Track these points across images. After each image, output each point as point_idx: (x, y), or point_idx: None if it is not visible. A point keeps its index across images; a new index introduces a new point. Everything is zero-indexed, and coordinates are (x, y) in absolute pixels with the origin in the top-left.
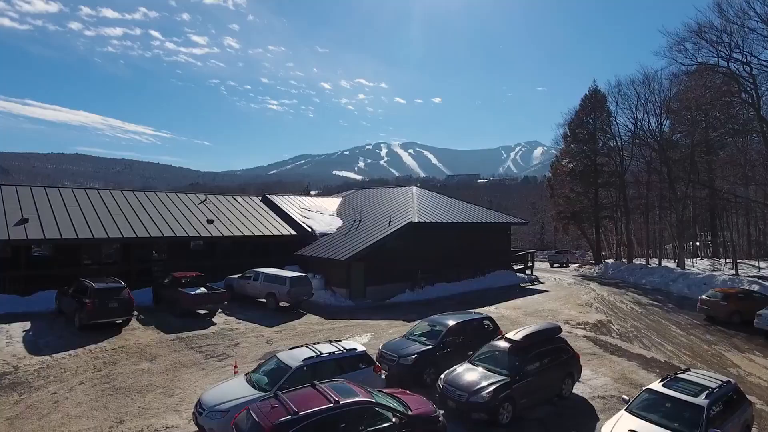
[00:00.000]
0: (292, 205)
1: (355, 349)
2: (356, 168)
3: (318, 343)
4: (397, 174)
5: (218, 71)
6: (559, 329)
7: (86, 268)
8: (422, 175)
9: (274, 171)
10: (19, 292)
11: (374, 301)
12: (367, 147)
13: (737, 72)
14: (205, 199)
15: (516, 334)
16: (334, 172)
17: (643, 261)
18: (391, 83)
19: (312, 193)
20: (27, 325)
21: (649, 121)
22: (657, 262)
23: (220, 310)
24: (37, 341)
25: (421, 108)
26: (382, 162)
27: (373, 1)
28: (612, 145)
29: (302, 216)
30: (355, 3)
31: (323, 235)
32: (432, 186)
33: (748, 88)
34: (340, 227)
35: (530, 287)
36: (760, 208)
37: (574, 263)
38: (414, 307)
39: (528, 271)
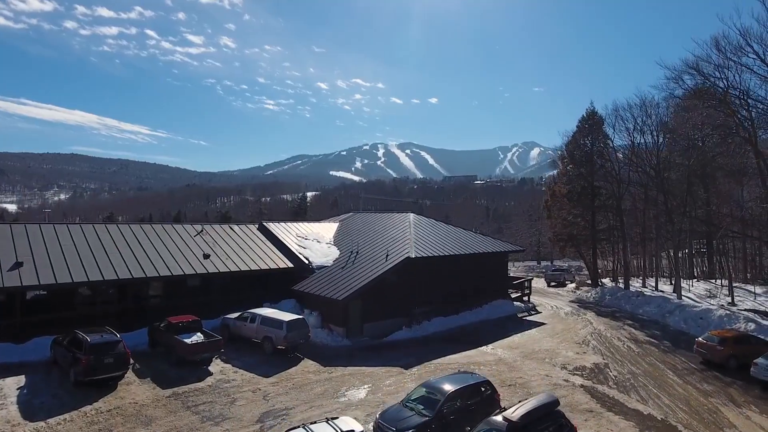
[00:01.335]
0: (288, 233)
1: (353, 431)
2: (353, 168)
3: (315, 422)
4: (394, 175)
5: (214, 71)
6: (557, 402)
7: (81, 310)
8: (419, 176)
9: (271, 171)
10: (13, 340)
11: (371, 338)
12: (364, 147)
13: (735, 108)
14: (202, 230)
15: (514, 413)
16: (331, 172)
17: (640, 282)
18: (388, 83)
19: (309, 195)
20: (22, 380)
21: (645, 143)
22: (654, 284)
23: (216, 356)
24: (31, 401)
25: (418, 108)
26: (379, 162)
27: (370, 2)
28: (609, 167)
29: (299, 246)
30: (352, 3)
31: (320, 267)
32: (429, 188)
33: (745, 125)
34: (337, 259)
35: (527, 318)
36: (757, 242)
37: (571, 282)
38: (411, 346)
39: (525, 298)
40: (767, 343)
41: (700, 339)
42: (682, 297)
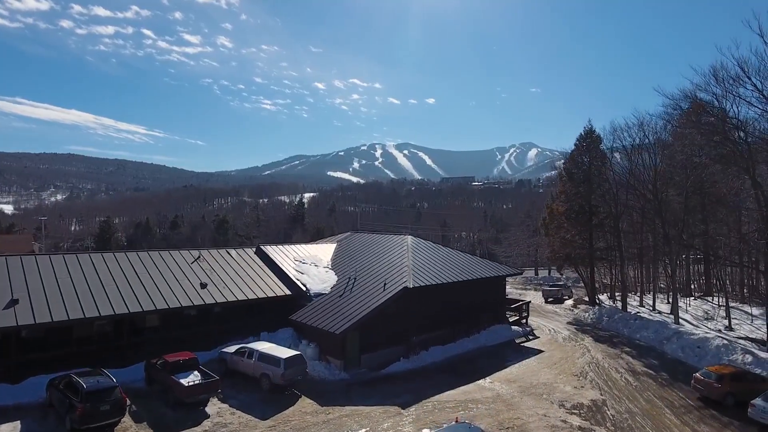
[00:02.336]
0: (286, 256)
1: None
2: (351, 169)
3: None
4: (392, 176)
5: (211, 70)
6: None
7: (78, 346)
8: (417, 176)
9: (268, 171)
10: (8, 380)
11: (369, 369)
12: (362, 148)
13: (732, 138)
14: (199, 257)
15: None
16: (329, 173)
17: (637, 300)
18: (385, 83)
19: (306, 196)
20: (17, 426)
21: (643, 163)
22: (651, 302)
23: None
24: None
25: (415, 108)
26: (376, 163)
27: (367, 2)
28: (606, 187)
29: (296, 271)
30: (349, 3)
31: (318, 295)
32: (427, 190)
33: (744, 155)
34: (334, 285)
35: (525, 344)
36: (754, 270)
37: (569, 297)
38: (409, 379)
39: (524, 321)
40: (764, 380)
41: (697, 375)
42: (680, 321)
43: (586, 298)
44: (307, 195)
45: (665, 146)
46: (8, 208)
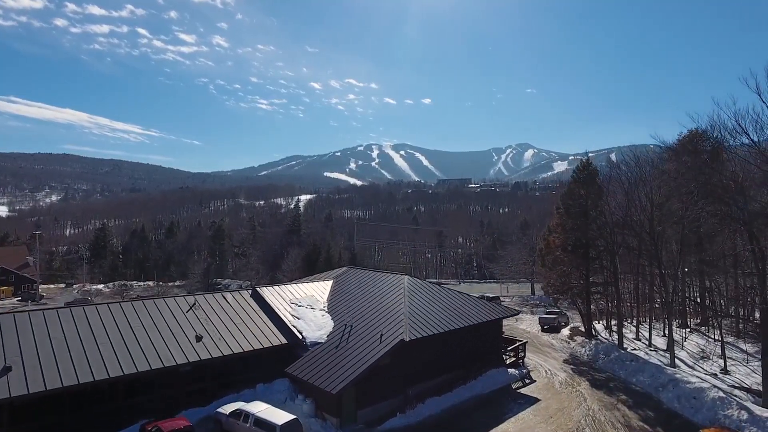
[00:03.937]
0: (281, 299)
1: None
2: (348, 170)
3: None
4: (389, 177)
5: (207, 70)
6: None
7: (71, 414)
8: (414, 177)
9: (265, 172)
10: None
11: (365, 426)
12: (359, 148)
13: (730, 195)
14: (194, 303)
15: None
16: (325, 173)
17: (633, 332)
18: (381, 84)
19: (303, 198)
20: None
21: (640, 198)
22: (647, 336)
23: None
24: None
25: (412, 109)
26: (373, 164)
27: (364, 2)
28: (601, 221)
29: (292, 315)
30: (345, 3)
31: (314, 344)
32: (423, 192)
33: (740, 205)
34: (331, 332)
35: (521, 391)
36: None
37: (566, 324)
38: None
39: (520, 362)
40: None
41: None
42: (676, 361)
43: (583, 329)
44: (303, 197)
45: (663, 176)
46: (3, 210)
